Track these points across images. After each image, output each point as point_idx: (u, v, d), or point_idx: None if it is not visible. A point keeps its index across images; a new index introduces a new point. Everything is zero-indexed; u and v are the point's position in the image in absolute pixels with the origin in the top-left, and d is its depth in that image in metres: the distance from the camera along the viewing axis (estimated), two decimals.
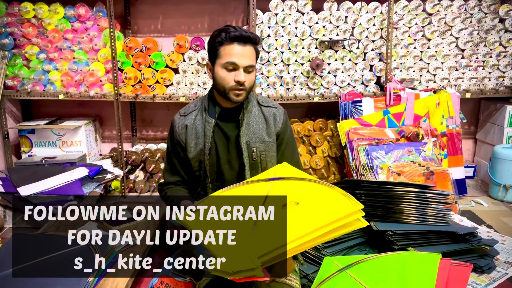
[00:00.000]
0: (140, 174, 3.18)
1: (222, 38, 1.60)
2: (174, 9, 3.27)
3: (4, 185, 2.60)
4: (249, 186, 1.49)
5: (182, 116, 1.76)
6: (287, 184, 1.49)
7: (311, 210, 1.42)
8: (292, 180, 1.49)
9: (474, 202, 2.85)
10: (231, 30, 1.59)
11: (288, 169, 1.56)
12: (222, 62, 1.60)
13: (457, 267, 1.56)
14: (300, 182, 1.49)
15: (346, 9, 2.95)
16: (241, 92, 1.61)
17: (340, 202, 1.42)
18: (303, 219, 1.40)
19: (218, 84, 1.64)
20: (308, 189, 1.47)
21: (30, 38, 3.01)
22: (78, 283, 1.44)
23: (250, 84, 1.64)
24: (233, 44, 1.58)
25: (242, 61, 1.58)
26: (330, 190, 1.45)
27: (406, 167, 2.47)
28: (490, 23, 3.00)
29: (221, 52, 1.60)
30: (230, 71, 1.60)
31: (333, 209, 1.42)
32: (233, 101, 1.63)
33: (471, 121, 3.50)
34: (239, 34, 1.57)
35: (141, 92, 3.02)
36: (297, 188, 1.48)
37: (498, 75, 3.07)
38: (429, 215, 1.83)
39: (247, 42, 1.59)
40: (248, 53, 1.59)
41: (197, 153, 1.70)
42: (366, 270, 1.58)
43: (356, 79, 3.03)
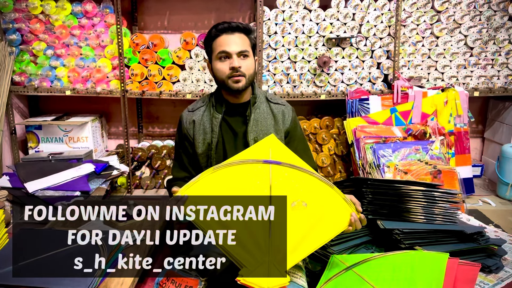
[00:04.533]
0: (146, 170, 3.19)
1: (212, 34, 1.66)
2: (181, 5, 3.27)
3: (11, 181, 2.61)
4: (245, 166, 1.46)
5: (190, 112, 1.77)
6: (285, 172, 1.47)
7: (317, 217, 1.43)
8: (289, 168, 1.47)
9: (482, 202, 2.83)
10: (219, 24, 1.65)
11: (281, 149, 1.53)
12: (215, 55, 1.65)
13: (465, 267, 1.55)
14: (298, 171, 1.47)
15: (353, 6, 2.93)
16: (239, 78, 1.62)
17: (340, 207, 1.46)
18: (310, 227, 1.42)
19: (217, 76, 1.67)
20: (309, 183, 1.46)
21: (38, 34, 3.02)
22: (85, 279, 1.44)
23: (248, 69, 1.64)
24: (221, 36, 1.63)
25: (233, 48, 1.61)
26: (330, 190, 1.46)
27: (413, 165, 2.45)
28: (499, 21, 2.97)
29: (214, 46, 1.66)
30: (224, 60, 1.63)
31: (335, 218, 1.45)
32: (234, 90, 1.64)
33: (479, 119, 3.48)
34: (226, 26, 1.63)
35: (147, 88, 3.02)
36: (297, 178, 1.47)
37: (507, 74, 3.04)
38: (436, 214, 1.82)
39: (235, 31, 1.63)
40: (237, 40, 1.63)
41: (205, 148, 1.71)
42: (372, 269, 1.57)
43: (363, 76, 3.01)
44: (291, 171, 1.46)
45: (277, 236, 1.38)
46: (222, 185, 1.43)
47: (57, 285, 1.43)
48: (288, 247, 1.38)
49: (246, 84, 1.65)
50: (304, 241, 1.40)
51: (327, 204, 1.44)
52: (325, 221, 1.43)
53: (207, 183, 1.43)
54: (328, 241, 1.44)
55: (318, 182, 1.46)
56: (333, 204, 1.45)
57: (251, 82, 1.70)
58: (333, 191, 1.46)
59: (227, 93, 1.70)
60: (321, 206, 1.44)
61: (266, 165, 1.45)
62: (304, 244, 1.40)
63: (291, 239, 1.39)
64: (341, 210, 1.45)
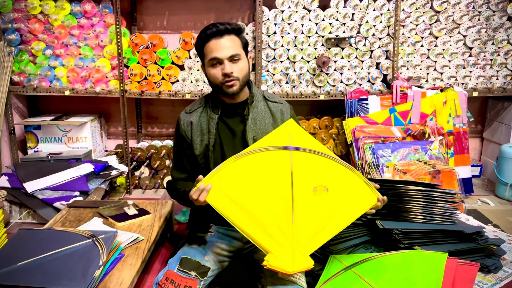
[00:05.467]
0: (145, 170, 3.19)
1: (201, 39, 1.64)
2: (180, 5, 3.27)
3: (10, 181, 2.61)
4: (266, 153, 1.48)
5: (187, 113, 1.77)
6: (306, 157, 1.49)
7: (338, 202, 1.46)
8: (311, 153, 1.49)
9: (481, 202, 2.83)
10: (207, 28, 1.62)
11: (301, 133, 1.55)
12: (207, 61, 1.64)
13: (463, 267, 1.55)
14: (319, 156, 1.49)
15: (353, 6, 2.93)
16: (232, 82, 1.61)
17: (362, 191, 1.48)
18: (333, 211, 1.45)
19: (211, 82, 1.66)
20: (329, 167, 1.49)
21: (37, 34, 3.02)
22: (84, 279, 1.44)
23: (241, 72, 1.63)
24: (211, 41, 1.61)
25: (223, 53, 1.59)
26: (351, 174, 1.48)
27: (412, 165, 2.45)
28: (498, 21, 2.97)
29: (205, 52, 1.65)
30: (216, 67, 1.62)
31: (357, 201, 1.48)
32: (229, 94, 1.64)
33: (478, 120, 3.48)
34: (215, 30, 1.60)
35: (146, 88, 3.02)
36: (318, 163, 1.49)
37: (506, 74, 3.04)
38: (435, 214, 1.82)
39: (224, 34, 1.61)
40: (227, 43, 1.61)
41: (203, 149, 1.71)
42: (372, 269, 1.57)
43: (362, 76, 3.01)
44: (311, 156, 1.49)
45: (300, 221, 1.42)
46: (245, 173, 1.46)
47: (56, 285, 1.43)
48: (311, 232, 1.42)
49: (240, 87, 1.64)
50: (327, 225, 1.44)
51: (348, 188, 1.47)
52: (346, 205, 1.46)
53: (230, 172, 1.45)
54: (351, 223, 1.47)
55: (339, 166, 1.49)
56: (354, 188, 1.48)
57: (246, 83, 1.69)
58: (354, 174, 1.48)
59: (223, 95, 1.70)
60: (343, 190, 1.47)
61: (287, 152, 1.48)
62: (326, 227, 1.43)
63: (314, 224, 1.43)
64: (362, 192, 1.48)
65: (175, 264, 1.60)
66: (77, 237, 1.72)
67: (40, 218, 2.49)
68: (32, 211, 2.54)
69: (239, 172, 1.45)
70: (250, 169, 1.46)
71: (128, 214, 2.13)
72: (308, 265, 1.36)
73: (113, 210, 2.18)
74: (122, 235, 1.87)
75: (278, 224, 1.41)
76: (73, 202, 2.38)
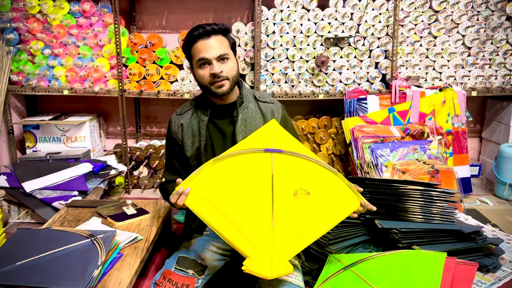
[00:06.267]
0: (144, 170, 3.18)
1: (188, 41, 1.64)
2: (179, 5, 3.27)
3: (8, 180, 2.61)
4: (246, 156, 1.44)
5: (178, 115, 1.77)
6: (287, 159, 1.45)
7: (320, 206, 1.43)
8: (292, 156, 1.46)
9: (479, 201, 2.83)
10: (194, 30, 1.62)
11: (283, 134, 1.51)
12: (195, 62, 1.63)
13: (462, 266, 1.55)
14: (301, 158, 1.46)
15: (352, 6, 2.93)
16: (221, 82, 1.61)
17: (345, 194, 1.44)
18: (314, 215, 1.42)
19: (200, 83, 1.66)
20: (311, 170, 1.45)
21: (35, 34, 3.01)
22: (82, 279, 1.44)
23: (230, 72, 1.62)
24: (198, 42, 1.60)
25: (210, 53, 1.59)
26: (334, 177, 1.45)
27: (411, 165, 2.46)
28: (497, 20, 2.97)
29: (192, 53, 1.64)
30: (204, 67, 1.61)
31: (339, 205, 1.44)
32: (219, 94, 1.63)
33: (477, 119, 3.48)
34: (202, 31, 1.59)
35: (145, 88, 3.02)
36: (300, 166, 1.45)
37: (504, 73, 3.04)
38: (434, 213, 1.82)
39: (211, 34, 1.60)
40: (214, 43, 1.60)
41: (194, 151, 1.71)
42: (370, 268, 1.57)
43: (361, 76, 3.01)
44: (293, 158, 1.45)
45: (280, 226, 1.40)
46: (224, 176, 1.43)
47: (55, 284, 1.43)
48: (291, 236, 1.40)
49: (230, 87, 1.64)
50: (308, 230, 1.41)
51: (331, 192, 1.43)
52: (328, 209, 1.43)
53: (209, 175, 1.43)
54: (332, 228, 1.44)
55: (321, 169, 1.45)
56: (336, 191, 1.44)
57: (236, 83, 1.68)
58: (337, 177, 1.44)
59: (212, 96, 1.69)
60: (325, 193, 1.43)
61: (267, 154, 1.45)
62: (307, 232, 1.41)
63: (294, 228, 1.40)
64: (345, 196, 1.44)
65: (172, 263, 1.60)
66: (76, 236, 1.71)
67: (39, 218, 2.49)
68: (30, 211, 2.53)
69: (219, 175, 1.42)
70: (230, 172, 1.43)
71: (127, 214, 2.12)
72: (287, 270, 1.34)
73: (112, 209, 2.18)
74: (121, 235, 1.87)
75: (257, 229, 1.38)
76: (72, 202, 2.37)
